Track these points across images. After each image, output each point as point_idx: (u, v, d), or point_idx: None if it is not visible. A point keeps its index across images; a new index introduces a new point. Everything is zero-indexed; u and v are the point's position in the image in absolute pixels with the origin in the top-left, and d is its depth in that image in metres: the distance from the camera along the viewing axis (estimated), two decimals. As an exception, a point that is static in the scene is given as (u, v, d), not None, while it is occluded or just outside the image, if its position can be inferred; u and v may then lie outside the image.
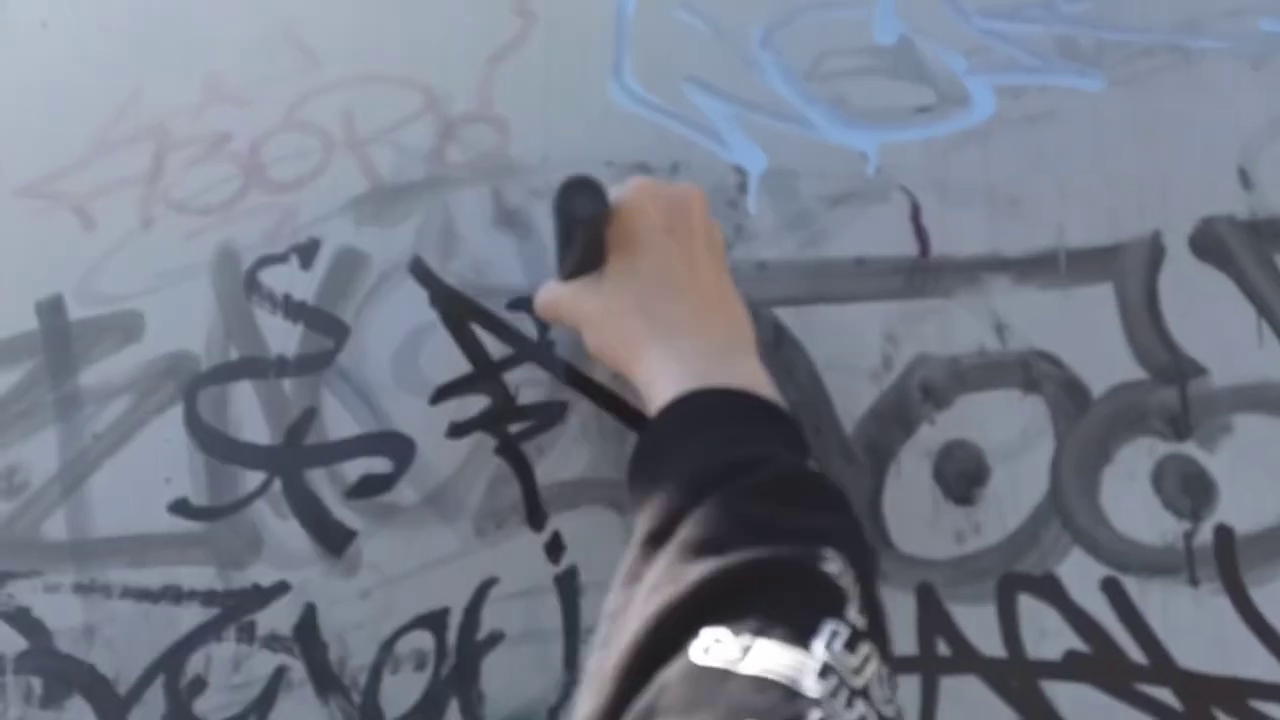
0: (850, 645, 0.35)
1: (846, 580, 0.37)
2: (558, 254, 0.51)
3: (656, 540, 0.40)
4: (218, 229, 0.60)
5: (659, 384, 0.45)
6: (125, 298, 0.61)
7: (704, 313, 0.48)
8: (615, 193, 0.48)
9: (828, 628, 0.35)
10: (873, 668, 0.35)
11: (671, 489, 0.41)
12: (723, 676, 0.33)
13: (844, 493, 0.42)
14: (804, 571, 0.37)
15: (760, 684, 0.33)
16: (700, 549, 0.38)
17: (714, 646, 0.34)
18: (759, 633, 0.34)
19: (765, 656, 0.34)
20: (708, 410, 0.44)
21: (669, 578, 0.37)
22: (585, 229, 0.48)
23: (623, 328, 0.48)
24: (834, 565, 0.37)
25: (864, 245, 0.53)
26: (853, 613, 0.36)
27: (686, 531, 0.39)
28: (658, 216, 0.48)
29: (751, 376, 0.46)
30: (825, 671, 0.33)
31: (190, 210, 0.61)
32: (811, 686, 0.33)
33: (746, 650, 0.34)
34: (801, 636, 0.34)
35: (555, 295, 0.52)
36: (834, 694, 0.33)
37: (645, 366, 0.47)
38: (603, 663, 0.37)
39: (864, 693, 0.34)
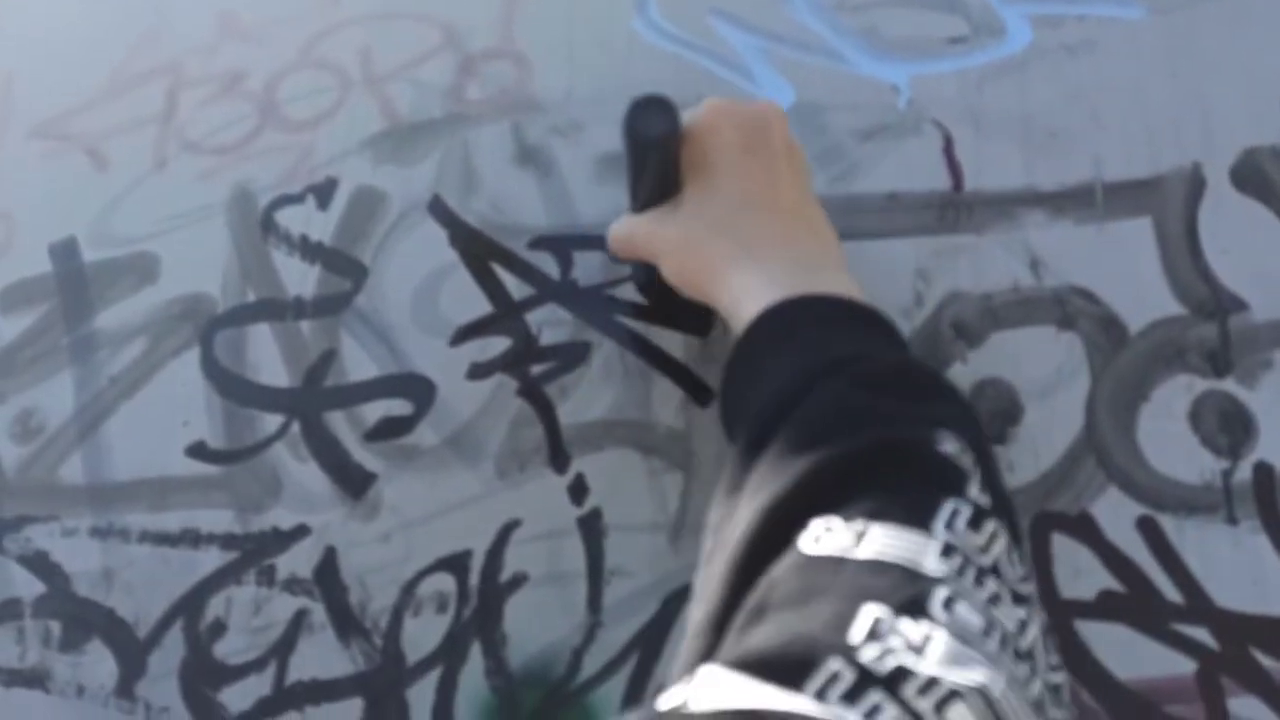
0: (974, 523, 0.32)
1: (965, 460, 0.35)
2: (630, 185, 0.49)
3: (757, 446, 0.37)
4: (233, 169, 0.59)
5: (746, 302, 0.43)
6: (140, 239, 0.60)
7: (789, 229, 0.45)
8: (689, 115, 0.46)
9: (947, 507, 0.32)
10: (1001, 545, 0.33)
11: (769, 394, 0.39)
12: (836, 564, 0.31)
13: (953, 383, 0.39)
14: (918, 453, 0.35)
15: (877, 567, 0.31)
16: (804, 443, 0.35)
17: (825, 535, 0.32)
18: (873, 517, 0.32)
19: (881, 540, 0.31)
20: (802, 316, 0.41)
21: (773, 475, 0.35)
22: (658, 151, 0.46)
23: (702, 251, 0.45)
24: (950, 445, 0.35)
25: (896, 180, 0.51)
26: (974, 490, 0.34)
27: (788, 430, 0.36)
28: (734, 135, 0.46)
29: (844, 287, 0.43)
30: (948, 550, 0.31)
31: (205, 150, 0.60)
32: (934, 566, 0.31)
33: (860, 536, 0.32)
34: (919, 517, 0.32)
35: (629, 228, 0.49)
36: (960, 572, 0.31)
37: (729, 287, 0.44)
38: (709, 572, 0.35)
39: (994, 570, 0.32)
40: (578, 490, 0.53)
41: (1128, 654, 0.46)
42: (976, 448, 0.36)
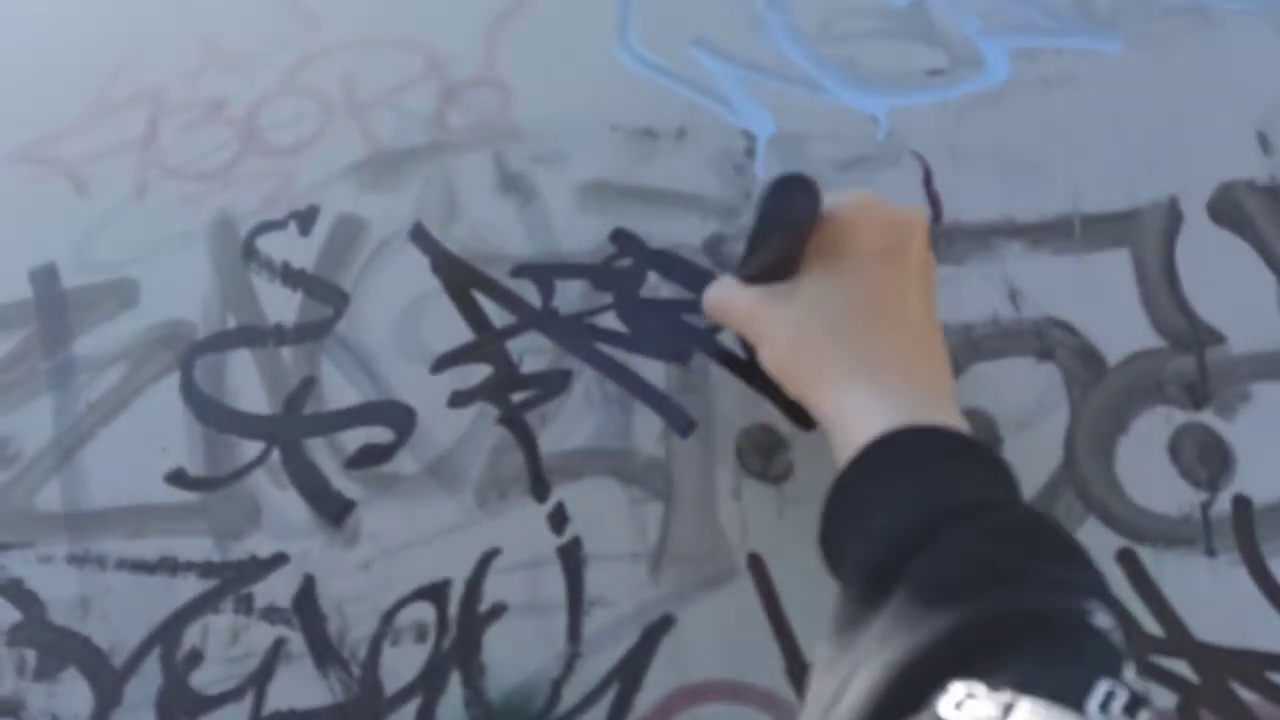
0: (1130, 710, 0.30)
1: (1119, 638, 0.33)
2: (746, 250, 0.47)
3: (877, 588, 0.35)
4: (214, 195, 0.59)
5: (857, 422, 0.41)
6: (120, 265, 0.60)
7: (910, 354, 0.43)
8: (831, 200, 0.44)
9: (1102, 687, 0.30)
10: None
11: (891, 527, 0.38)
12: None
13: (1083, 546, 0.38)
14: (1071, 625, 0.33)
15: None
16: (940, 597, 0.34)
17: (967, 703, 0.30)
18: (1022, 689, 0.30)
19: (1030, 716, 0.29)
20: (921, 448, 0.40)
21: (907, 624, 0.33)
22: (788, 232, 0.43)
23: (814, 354, 0.43)
24: (1104, 620, 0.33)
25: (875, 211, 0.51)
26: (1130, 674, 0.32)
27: (919, 575, 0.35)
28: (873, 237, 0.43)
29: (955, 420, 0.41)
30: None
31: (186, 176, 0.60)
32: None
33: (1007, 709, 0.30)
34: (1072, 695, 0.30)
35: (732, 297, 0.47)
36: None
37: (838, 401, 0.42)
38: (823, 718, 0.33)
39: None
40: (558, 519, 0.53)
41: (1107, 687, 0.46)
42: (1125, 622, 0.34)
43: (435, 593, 0.54)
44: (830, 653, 0.36)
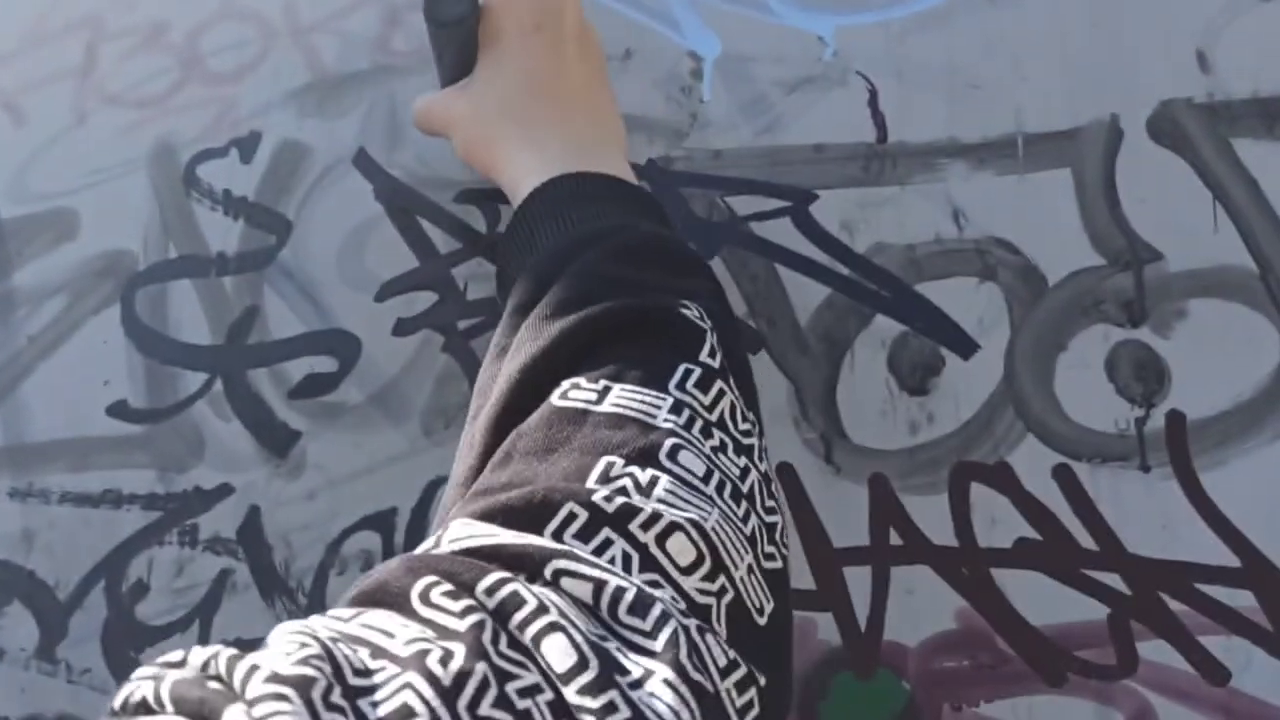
0: (702, 383, 0.36)
1: (703, 325, 0.38)
2: (435, 63, 0.50)
3: (521, 311, 0.40)
4: (155, 123, 0.58)
5: (522, 180, 0.45)
6: (59, 195, 0.58)
7: (569, 111, 0.47)
8: None
9: (681, 368, 0.36)
10: (726, 402, 0.37)
11: (536, 264, 0.42)
12: (579, 415, 0.35)
13: (704, 260, 0.43)
14: (660, 319, 0.38)
15: (616, 420, 0.34)
16: (561, 308, 0.38)
17: (571, 391, 0.36)
18: (615, 377, 0.36)
19: (621, 397, 0.35)
20: (572, 191, 0.44)
21: (531, 337, 0.38)
22: (456, 33, 0.47)
23: (487, 129, 0.47)
24: (691, 312, 0.38)
25: (821, 132, 0.51)
26: (704, 354, 0.37)
27: (549, 296, 0.39)
28: (526, 15, 0.47)
29: (616, 167, 0.45)
30: (678, 406, 0.35)
31: (126, 103, 0.59)
32: (665, 419, 0.35)
33: (603, 393, 0.35)
34: (657, 377, 0.36)
35: (428, 103, 0.51)
36: (688, 425, 0.35)
37: (508, 165, 0.47)
38: (471, 428, 0.38)
39: (720, 424, 0.36)
40: (503, 445, 0.53)
41: (1043, 601, 0.47)
42: (716, 314, 0.39)
43: (381, 521, 0.54)
44: (483, 379, 0.40)
